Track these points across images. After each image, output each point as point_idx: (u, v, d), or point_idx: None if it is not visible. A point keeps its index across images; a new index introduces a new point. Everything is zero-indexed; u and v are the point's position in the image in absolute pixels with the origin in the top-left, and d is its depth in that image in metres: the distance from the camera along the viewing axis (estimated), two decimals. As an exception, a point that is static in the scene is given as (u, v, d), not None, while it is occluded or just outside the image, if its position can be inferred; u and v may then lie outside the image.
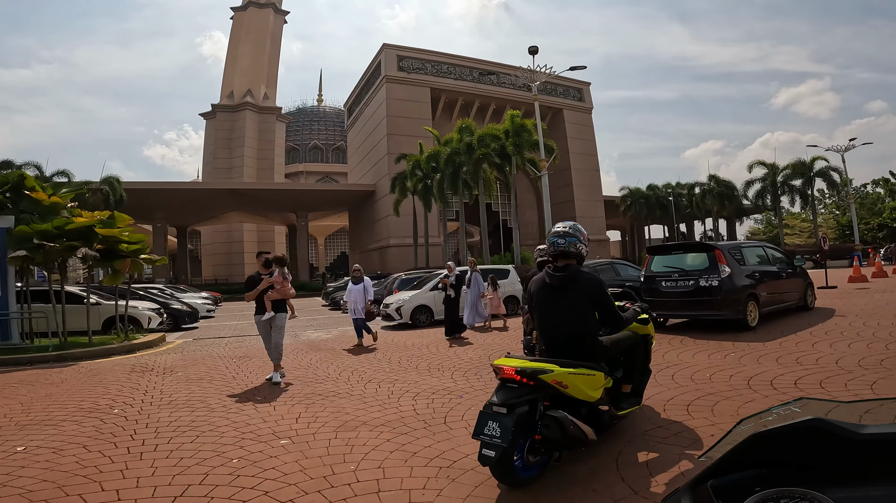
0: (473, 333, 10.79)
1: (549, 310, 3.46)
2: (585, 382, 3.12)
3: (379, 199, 43.69)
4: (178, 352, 9.97)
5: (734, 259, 8.12)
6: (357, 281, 10.16)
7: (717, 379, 5.32)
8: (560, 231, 3.46)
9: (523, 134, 23.97)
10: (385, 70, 43.52)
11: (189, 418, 4.90)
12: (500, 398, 2.93)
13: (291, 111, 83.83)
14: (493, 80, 47.92)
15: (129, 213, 38.89)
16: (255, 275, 7.07)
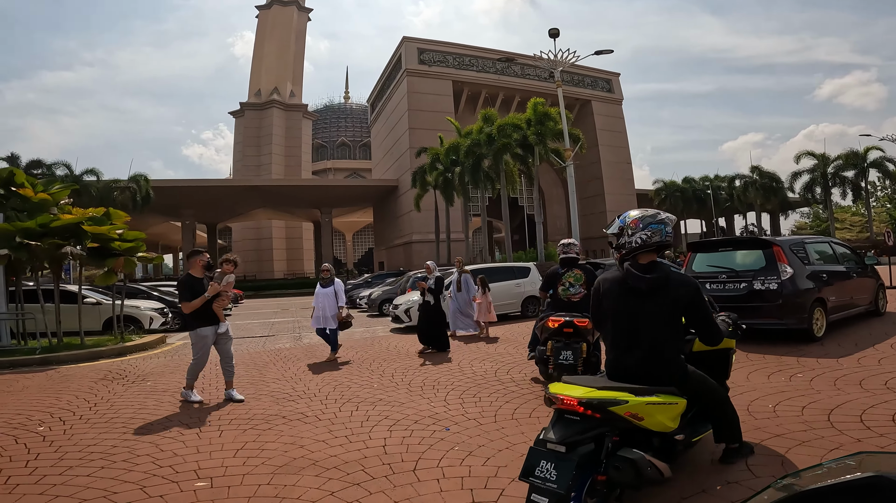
0: (479, 342, 9.68)
1: (629, 319, 2.76)
2: (665, 412, 2.61)
3: (402, 194, 43.01)
4: (168, 357, 9.29)
5: (797, 257, 6.73)
6: (326, 283, 8.59)
7: (784, 411, 4.08)
8: (648, 217, 2.73)
9: (547, 122, 22.54)
10: (406, 63, 42.83)
11: (112, 442, 4.07)
12: (559, 434, 2.43)
13: (319, 108, 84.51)
14: (517, 72, 46.75)
15: (157, 210, 39.62)
16: (188, 277, 5.79)
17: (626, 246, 2.72)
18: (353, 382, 6.28)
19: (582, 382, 2.67)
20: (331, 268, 8.90)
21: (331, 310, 8.37)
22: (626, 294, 2.74)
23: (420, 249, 38.81)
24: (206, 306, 5.60)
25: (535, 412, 4.64)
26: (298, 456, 3.66)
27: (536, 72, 46.64)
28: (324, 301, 8.45)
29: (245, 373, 7.15)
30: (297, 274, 58.27)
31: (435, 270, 9.35)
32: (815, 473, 0.99)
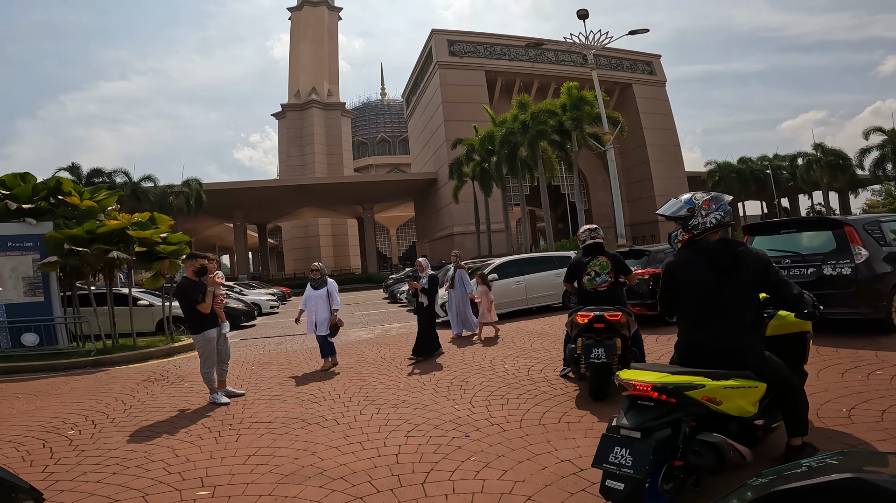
0: (519, 338, 9.30)
1: (714, 295, 2.73)
2: (744, 396, 2.55)
3: (441, 186, 42.89)
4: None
5: (872, 238, 5.92)
6: (318, 284, 7.53)
7: (859, 416, 3.52)
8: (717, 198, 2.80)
9: (583, 107, 21.53)
10: (437, 56, 42.61)
11: (133, 446, 4.09)
12: (633, 420, 2.43)
13: (357, 106, 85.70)
14: (550, 59, 45.66)
15: (210, 213, 41.39)
16: (189, 281, 5.79)
17: (699, 226, 2.77)
18: (379, 382, 6.12)
19: (653, 368, 2.64)
20: (321, 267, 7.81)
21: (322, 314, 7.39)
22: (709, 271, 2.74)
23: (462, 241, 38.57)
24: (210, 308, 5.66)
25: (565, 417, 4.28)
26: (307, 464, 3.50)
27: (571, 57, 45.27)
28: (315, 304, 7.45)
29: (277, 373, 7.18)
30: (343, 270, 59.59)
31: (427, 268, 8.21)
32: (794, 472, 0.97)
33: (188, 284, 5.66)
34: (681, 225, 2.82)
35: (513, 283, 11.80)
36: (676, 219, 2.83)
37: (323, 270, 7.75)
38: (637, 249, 9.31)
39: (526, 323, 10.54)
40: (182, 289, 5.68)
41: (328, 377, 6.67)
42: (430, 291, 7.86)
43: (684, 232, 2.82)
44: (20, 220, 10.07)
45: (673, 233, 2.95)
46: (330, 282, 7.65)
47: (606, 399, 4.62)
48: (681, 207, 2.83)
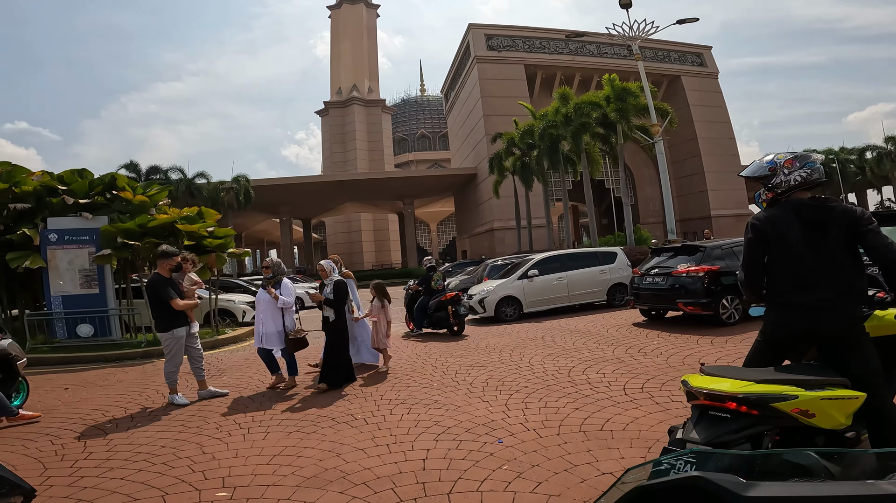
0: (560, 336, 8.91)
1: (813, 252, 2.49)
2: (841, 408, 2.20)
3: (481, 181, 42.48)
4: (253, 350, 9.71)
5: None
6: (272, 284, 6.02)
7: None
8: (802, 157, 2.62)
9: (627, 98, 20.52)
10: (474, 51, 42.10)
11: (163, 442, 4.10)
12: (705, 434, 2.11)
13: (397, 103, 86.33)
14: (592, 51, 44.28)
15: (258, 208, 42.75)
16: (160, 277, 5.55)
17: (782, 185, 2.62)
18: (412, 380, 5.95)
19: (728, 373, 2.33)
20: (272, 262, 6.20)
21: (274, 323, 5.92)
22: (800, 227, 2.54)
23: (502, 237, 38.08)
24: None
25: (608, 424, 3.95)
26: (331, 466, 3.36)
27: (615, 49, 43.70)
28: (265, 310, 5.96)
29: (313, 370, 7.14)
30: (384, 265, 60.33)
31: (333, 273, 6.23)
32: (654, 470, 0.99)
33: (159, 281, 5.53)
34: (763, 185, 2.68)
35: (554, 280, 11.38)
36: (758, 179, 2.69)
37: (276, 267, 6.14)
38: (691, 245, 8.72)
39: (568, 321, 10.12)
40: (153, 285, 5.54)
41: (361, 373, 6.57)
42: (335, 301, 5.97)
43: (767, 191, 2.68)
44: (77, 214, 10.58)
45: (758, 192, 2.78)
46: (285, 282, 6.07)
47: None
48: (761, 168, 2.70)
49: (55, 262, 10.24)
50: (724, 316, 7.80)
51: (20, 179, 10.47)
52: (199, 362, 5.77)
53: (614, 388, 4.98)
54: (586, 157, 23.51)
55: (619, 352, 6.78)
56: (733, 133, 47.31)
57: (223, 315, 12.86)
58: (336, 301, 5.99)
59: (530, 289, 11.23)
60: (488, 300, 11.09)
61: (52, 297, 10.20)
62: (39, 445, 4.15)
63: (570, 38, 33.79)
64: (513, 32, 43.49)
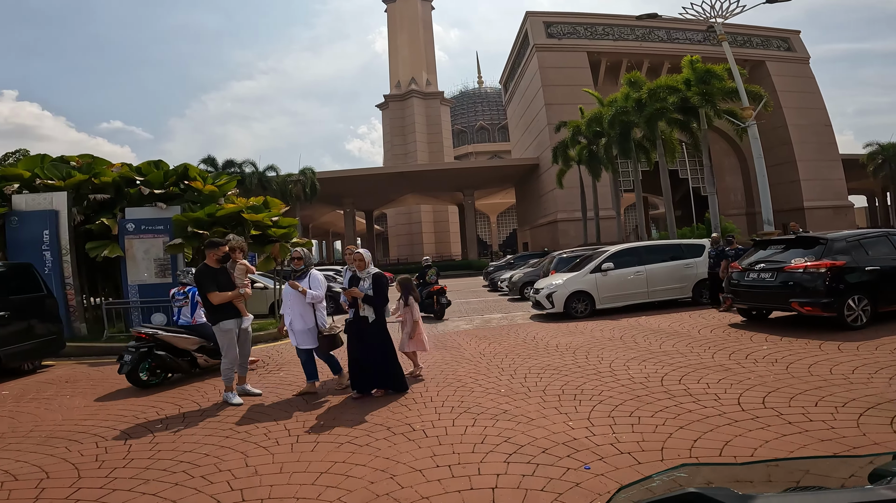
0: (642, 337, 7.93)
1: None
2: None
3: (543, 172, 41.06)
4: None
5: None
6: (299, 275, 5.40)
7: None
8: None
9: (712, 81, 18.49)
10: (533, 39, 40.61)
11: (208, 448, 3.76)
12: None
13: (455, 95, 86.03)
14: (662, 37, 41.50)
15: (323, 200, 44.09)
16: (205, 268, 5.28)
17: None
18: (477, 384, 5.34)
19: None
20: (304, 253, 5.53)
21: (304, 320, 5.28)
22: None
23: (566, 229, 36.56)
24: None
25: (729, 448, 3.16)
26: (382, 492, 2.83)
27: (687, 34, 41.16)
28: (292, 306, 5.32)
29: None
30: (444, 256, 60.27)
31: (370, 264, 5.31)
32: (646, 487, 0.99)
33: (202, 272, 5.25)
34: None
35: (631, 274, 10.33)
36: None
37: (307, 258, 5.50)
38: (810, 237, 7.44)
39: (648, 319, 9.09)
40: (197, 277, 5.29)
41: (422, 372, 6.06)
42: (377, 300, 5.09)
43: None
44: (152, 204, 10.92)
45: None
46: (313, 274, 5.39)
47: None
48: None
49: (132, 252, 10.62)
50: (850, 318, 6.52)
51: (100, 171, 10.94)
52: (246, 357, 5.52)
53: (725, 402, 4.11)
54: (662, 144, 21.62)
55: (720, 357, 5.79)
56: (829, 120, 42.47)
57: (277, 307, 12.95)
58: (378, 297, 5.09)
59: (604, 284, 10.26)
60: (557, 295, 10.24)
61: (129, 286, 10.58)
62: (83, 448, 3.94)
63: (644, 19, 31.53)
64: (573, 19, 41.57)
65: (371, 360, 5.05)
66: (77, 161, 11.40)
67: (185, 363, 6.21)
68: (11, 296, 6.91)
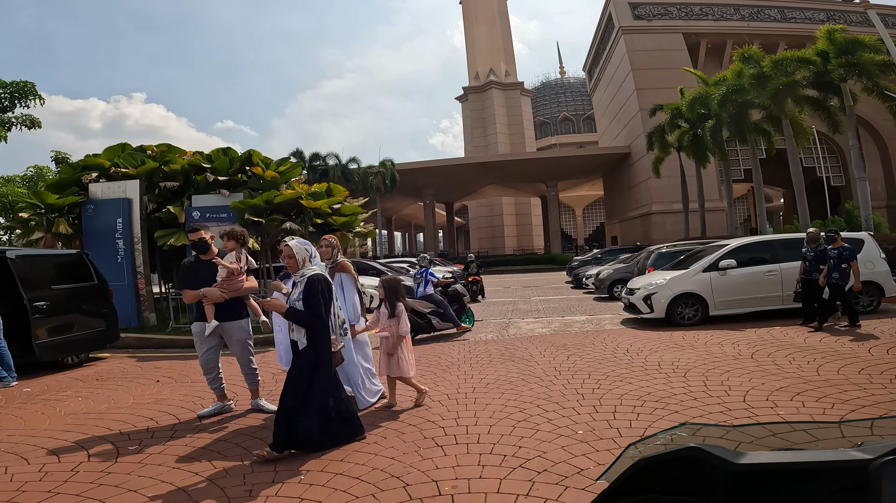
0: (782, 355, 5.96)
1: None
2: None
3: (635, 161, 37.62)
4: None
5: None
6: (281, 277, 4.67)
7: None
8: None
9: (857, 52, 14.86)
10: (618, 21, 37.40)
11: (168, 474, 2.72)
12: None
13: (537, 86, 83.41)
14: (773, 16, 36.45)
15: (401, 191, 44.23)
16: (191, 261, 4.57)
17: None
18: (545, 415, 3.94)
19: None
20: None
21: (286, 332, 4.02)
22: None
23: (662, 221, 33.09)
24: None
25: None
26: None
27: (805, 13, 36.44)
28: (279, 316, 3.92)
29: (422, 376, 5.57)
30: (525, 250, 58.26)
31: (310, 261, 3.68)
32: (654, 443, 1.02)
33: (184, 267, 4.52)
34: None
35: (762, 273, 8.17)
36: None
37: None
38: None
39: (785, 330, 7.02)
40: (186, 271, 4.50)
41: (480, 388, 4.76)
42: (303, 317, 3.47)
43: None
44: (217, 191, 10.67)
45: None
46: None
47: None
48: None
49: (198, 240, 10.45)
50: None
51: (171, 158, 10.88)
52: (245, 367, 4.52)
53: None
54: (791, 125, 18.04)
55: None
56: None
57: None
58: (307, 311, 3.45)
59: (721, 285, 8.20)
60: (658, 296, 8.37)
61: (196, 276, 10.42)
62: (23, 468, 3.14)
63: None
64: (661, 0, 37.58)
65: (290, 406, 3.38)
66: (153, 150, 11.48)
67: (426, 323, 8.10)
68: (54, 286, 6.63)
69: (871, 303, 8.11)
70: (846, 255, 7.00)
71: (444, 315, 8.32)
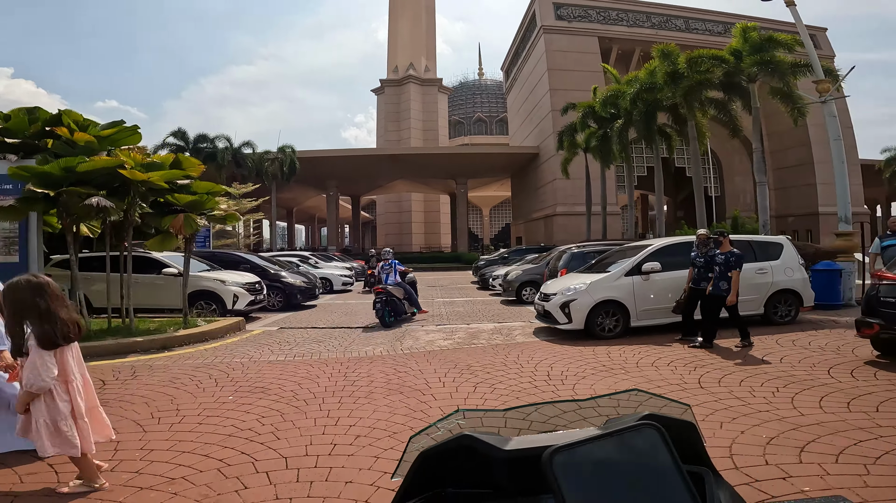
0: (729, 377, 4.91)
1: None
2: None
3: (543, 161, 38.11)
4: (209, 358, 6.44)
5: None
6: None
7: None
8: None
9: (771, 50, 15.23)
10: (541, 20, 37.82)
11: None
12: None
13: (455, 86, 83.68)
14: (679, 26, 39.19)
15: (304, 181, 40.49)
16: None
17: None
18: None
19: None
20: None
21: None
22: None
23: (564, 223, 33.57)
24: None
25: None
26: None
27: (707, 25, 39.15)
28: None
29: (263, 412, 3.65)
30: (433, 248, 57.32)
31: None
32: (433, 434, 1.04)
33: None
34: None
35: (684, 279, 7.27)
36: None
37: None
38: None
39: (725, 349, 6.05)
40: None
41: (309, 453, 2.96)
42: None
43: None
44: (2, 157, 7.65)
45: None
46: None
47: None
48: None
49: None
50: None
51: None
52: None
53: None
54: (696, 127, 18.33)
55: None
56: (851, 122, 39.94)
57: (207, 299, 9.75)
58: None
59: (644, 291, 7.19)
60: (578, 304, 7.14)
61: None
62: None
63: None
64: (585, 2, 38.76)
65: None
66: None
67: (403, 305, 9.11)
68: None
69: (789, 313, 7.62)
70: (732, 263, 6.08)
71: (410, 300, 9.52)
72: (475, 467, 0.93)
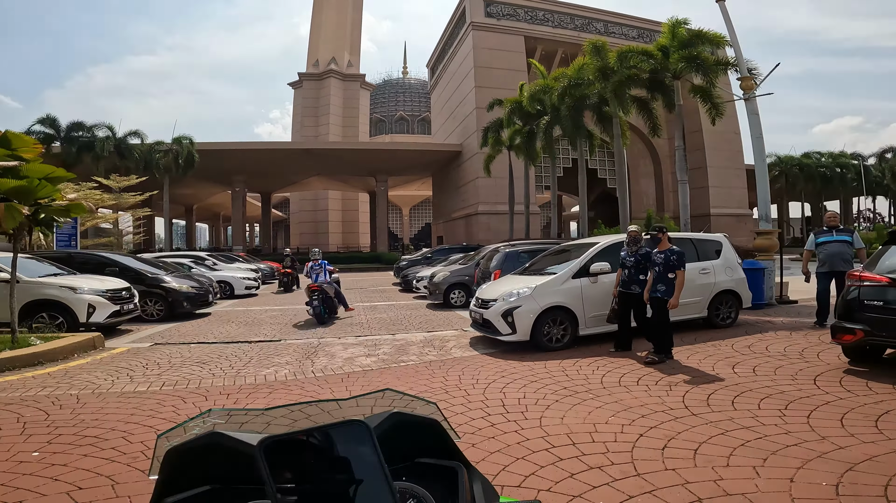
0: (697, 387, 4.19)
1: None
2: None
3: (466, 160, 37.79)
4: (33, 389, 4.62)
5: None
6: None
7: None
8: None
9: (698, 47, 15.68)
10: (470, 16, 37.72)
11: None
12: None
13: (378, 84, 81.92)
14: (599, 29, 41.05)
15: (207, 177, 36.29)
16: None
17: None
18: None
19: None
20: None
21: None
22: None
23: (486, 222, 33.40)
24: None
25: None
26: None
27: (623, 30, 41.27)
28: None
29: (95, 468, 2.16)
30: (351, 247, 55.04)
31: None
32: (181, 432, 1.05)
33: None
34: None
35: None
36: None
37: None
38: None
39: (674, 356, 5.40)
40: None
41: None
42: None
43: None
44: None
45: None
46: None
47: None
48: None
49: None
50: None
51: None
52: None
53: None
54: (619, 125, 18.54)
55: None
56: (739, 128, 44.15)
57: (53, 311, 7.57)
58: None
59: (593, 296, 6.45)
60: (522, 312, 6.21)
61: None
62: None
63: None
64: (515, 1, 39.04)
65: None
66: None
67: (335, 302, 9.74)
68: None
69: (730, 314, 7.32)
70: (674, 262, 5.46)
71: (339, 298, 9.88)
72: (242, 465, 0.90)
